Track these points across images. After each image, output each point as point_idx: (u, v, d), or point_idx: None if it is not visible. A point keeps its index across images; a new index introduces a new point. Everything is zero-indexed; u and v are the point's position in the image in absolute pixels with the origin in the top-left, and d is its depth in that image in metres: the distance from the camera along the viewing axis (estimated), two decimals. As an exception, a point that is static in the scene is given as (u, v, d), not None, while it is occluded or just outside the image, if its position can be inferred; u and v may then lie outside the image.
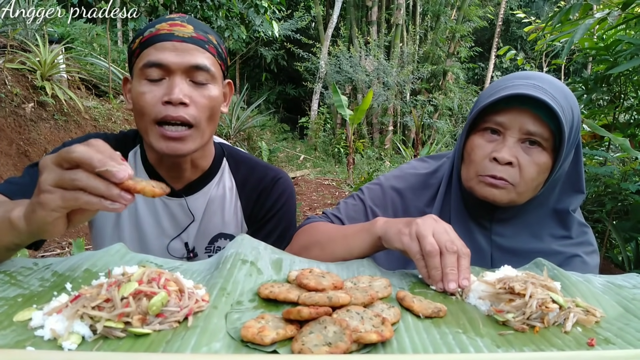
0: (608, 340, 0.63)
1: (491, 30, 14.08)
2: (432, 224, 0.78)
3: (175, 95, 0.94)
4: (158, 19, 1.03)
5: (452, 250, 0.75)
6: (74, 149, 0.60)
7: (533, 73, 0.97)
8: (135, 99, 0.98)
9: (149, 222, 1.12)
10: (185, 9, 6.30)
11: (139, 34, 1.01)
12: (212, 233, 1.15)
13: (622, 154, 2.68)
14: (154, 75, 0.96)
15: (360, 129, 11.22)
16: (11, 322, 0.58)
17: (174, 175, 1.11)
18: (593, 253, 1.06)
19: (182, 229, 1.13)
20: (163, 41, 0.97)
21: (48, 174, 0.61)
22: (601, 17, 2.17)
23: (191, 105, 0.97)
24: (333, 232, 0.99)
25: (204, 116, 1.00)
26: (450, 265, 0.74)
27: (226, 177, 1.18)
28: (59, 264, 0.77)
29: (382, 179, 1.15)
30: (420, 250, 0.76)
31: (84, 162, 0.59)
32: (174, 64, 0.96)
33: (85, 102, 5.43)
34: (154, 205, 1.12)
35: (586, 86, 2.75)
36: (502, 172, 0.93)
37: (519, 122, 0.92)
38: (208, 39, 1.02)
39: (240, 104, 8.72)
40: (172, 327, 0.59)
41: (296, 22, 11.99)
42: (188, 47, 0.98)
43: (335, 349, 0.53)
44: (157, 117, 0.96)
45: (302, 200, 6.10)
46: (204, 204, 1.14)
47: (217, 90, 1.02)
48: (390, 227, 0.84)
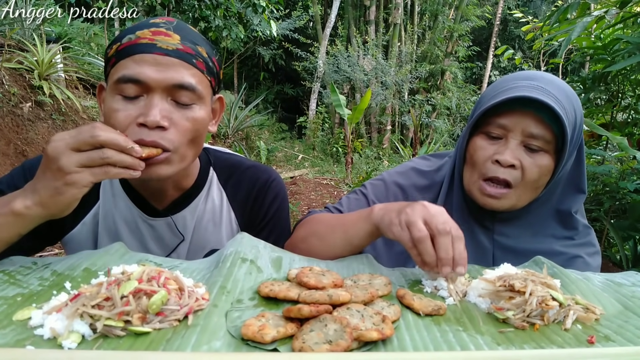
0: (608, 337, 0.63)
1: (489, 30, 14.09)
2: (421, 210, 0.76)
3: (151, 118, 0.81)
4: (140, 23, 0.89)
5: (444, 232, 0.73)
6: (97, 133, 0.71)
7: (535, 73, 0.96)
8: (107, 116, 0.86)
9: (132, 245, 1.04)
10: (183, 8, 6.28)
11: (117, 39, 0.88)
12: (204, 250, 1.08)
13: (620, 153, 2.69)
14: (130, 92, 0.83)
15: (358, 129, 11.22)
16: (11, 321, 0.58)
17: (156, 196, 1.03)
18: (595, 254, 1.06)
19: (170, 249, 1.06)
20: (143, 52, 0.83)
21: (69, 157, 0.70)
22: (598, 15, 2.17)
23: (171, 129, 0.85)
24: (332, 221, 0.98)
25: (184, 140, 0.87)
26: (444, 247, 0.73)
27: (214, 189, 1.09)
28: (58, 263, 0.77)
29: (385, 175, 1.15)
30: (412, 239, 0.75)
31: (111, 144, 0.72)
32: (154, 81, 0.83)
33: (83, 102, 5.42)
34: (137, 228, 1.04)
35: (584, 85, 2.76)
36: (504, 175, 0.93)
37: (521, 124, 0.92)
38: (196, 52, 0.88)
39: (238, 104, 8.72)
40: (172, 325, 0.59)
41: (294, 22, 11.98)
42: (172, 61, 0.84)
43: (336, 346, 0.53)
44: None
45: (300, 200, 6.09)
46: (193, 220, 1.06)
47: (203, 111, 0.90)
48: (384, 216, 0.83)
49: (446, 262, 0.73)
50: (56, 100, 4.86)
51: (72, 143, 0.71)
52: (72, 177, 0.70)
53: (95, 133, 0.71)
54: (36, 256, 1.37)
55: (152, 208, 1.03)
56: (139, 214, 1.03)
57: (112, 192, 1.04)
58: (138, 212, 1.03)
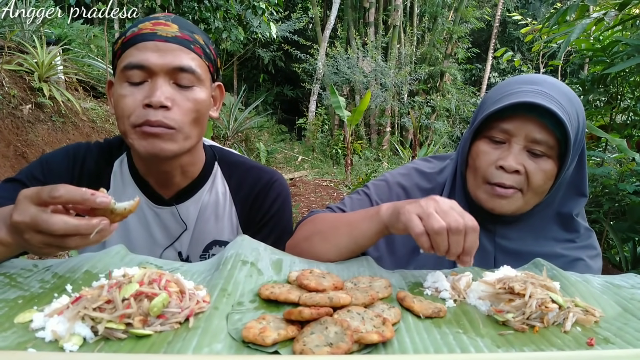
0: (607, 339, 0.63)
1: (488, 32, 14.11)
2: (434, 203, 0.77)
3: (155, 98, 0.89)
4: (143, 19, 0.98)
5: (456, 230, 0.73)
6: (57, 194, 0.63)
7: (538, 77, 0.96)
8: (116, 102, 0.93)
9: (139, 232, 1.09)
10: (182, 10, 6.29)
11: (122, 35, 0.96)
12: (206, 241, 1.12)
13: (619, 155, 2.70)
14: (135, 78, 0.91)
15: (358, 130, 11.23)
16: (12, 324, 0.58)
17: (163, 183, 1.07)
18: (596, 257, 1.06)
19: (174, 238, 1.10)
20: (145, 41, 0.91)
21: (33, 237, 0.64)
22: (597, 17, 2.18)
23: (174, 109, 0.92)
24: (336, 220, 0.97)
25: (187, 119, 0.94)
26: (456, 244, 0.74)
27: (219, 183, 1.14)
28: (59, 265, 0.77)
29: (387, 176, 1.15)
30: (425, 229, 0.74)
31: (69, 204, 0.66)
32: (156, 66, 0.90)
33: (83, 104, 5.42)
34: (143, 215, 1.08)
35: (583, 87, 2.76)
36: (509, 180, 0.93)
37: (525, 129, 0.92)
38: (194, 39, 0.96)
39: (237, 105, 8.72)
40: (173, 328, 0.59)
41: (294, 24, 11.98)
42: (171, 47, 0.92)
43: (337, 349, 0.53)
44: (137, 122, 0.91)
45: (300, 202, 6.10)
46: (196, 211, 1.10)
47: (203, 93, 0.97)
48: (394, 210, 0.82)
49: (455, 254, 0.75)
50: (56, 102, 4.87)
51: (31, 225, 0.63)
52: (41, 250, 0.67)
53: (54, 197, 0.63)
54: (37, 258, 1.37)
55: (158, 196, 1.08)
56: (146, 202, 1.08)
57: (122, 180, 1.09)
58: (145, 200, 1.07)
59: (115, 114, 0.96)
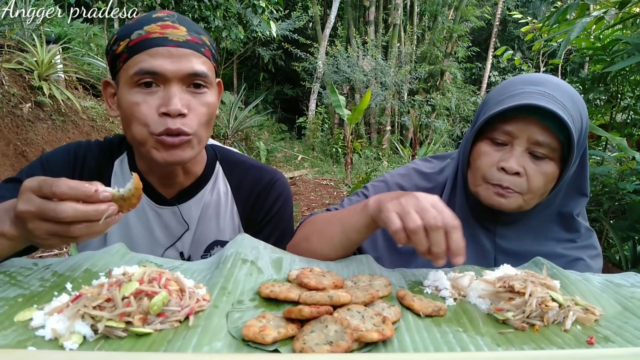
0: (607, 338, 0.63)
1: (488, 30, 14.11)
2: (414, 201, 0.75)
3: (173, 107, 0.88)
4: (144, 18, 0.94)
5: (435, 227, 0.72)
6: (57, 190, 0.62)
7: (541, 77, 0.94)
8: (128, 110, 0.91)
9: (140, 232, 1.08)
10: (182, 8, 6.29)
11: (124, 36, 0.92)
12: (207, 240, 1.11)
13: (619, 154, 2.70)
14: (147, 84, 0.90)
15: (358, 129, 11.22)
16: (12, 322, 0.58)
17: (165, 182, 1.06)
18: (597, 257, 1.05)
19: (176, 238, 1.09)
20: (157, 46, 0.89)
21: (38, 225, 0.64)
22: (598, 16, 2.18)
23: (190, 115, 0.92)
24: (331, 217, 0.98)
25: (201, 124, 0.95)
26: (437, 242, 0.72)
27: (220, 182, 1.13)
28: (59, 264, 0.77)
29: (387, 177, 1.14)
30: (403, 227, 0.73)
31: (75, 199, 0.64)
32: (171, 72, 0.89)
33: (83, 102, 5.42)
34: (145, 215, 1.07)
35: (583, 86, 2.76)
36: (509, 182, 0.92)
37: (527, 131, 0.91)
38: (202, 41, 0.96)
39: (237, 104, 8.71)
40: (173, 326, 0.59)
41: (294, 22, 11.98)
42: (184, 52, 0.91)
43: (337, 347, 0.53)
44: (156, 131, 0.90)
45: (300, 201, 6.10)
46: (198, 211, 1.09)
47: (213, 95, 0.98)
48: (377, 205, 0.81)
49: (440, 255, 0.72)
50: (56, 101, 4.86)
51: (37, 213, 0.63)
52: (45, 242, 0.66)
53: (54, 190, 0.63)
54: (37, 257, 1.37)
55: (160, 196, 1.07)
56: (147, 201, 1.07)
57: (122, 180, 1.07)
58: (146, 199, 1.06)
59: (123, 119, 0.95)
